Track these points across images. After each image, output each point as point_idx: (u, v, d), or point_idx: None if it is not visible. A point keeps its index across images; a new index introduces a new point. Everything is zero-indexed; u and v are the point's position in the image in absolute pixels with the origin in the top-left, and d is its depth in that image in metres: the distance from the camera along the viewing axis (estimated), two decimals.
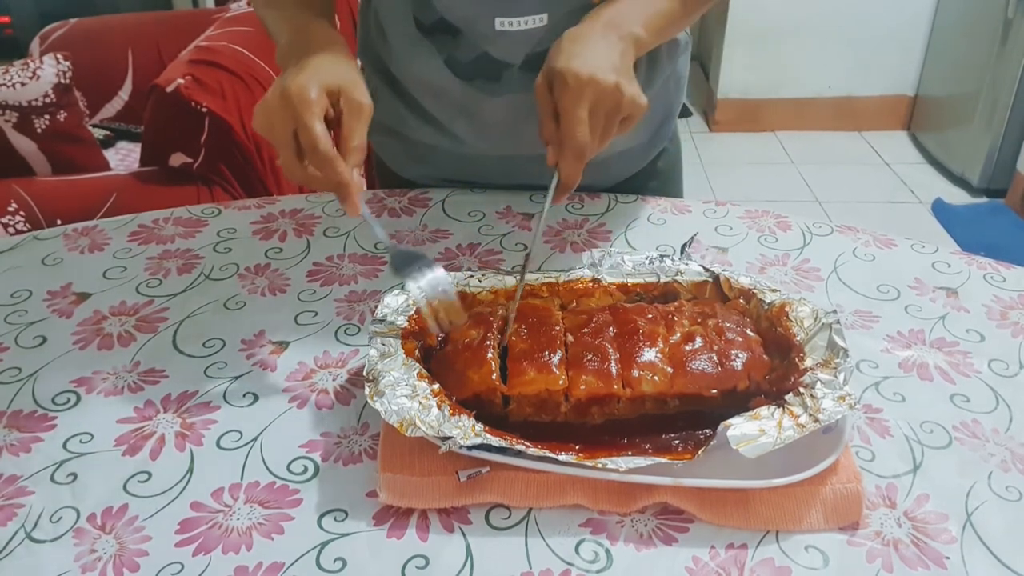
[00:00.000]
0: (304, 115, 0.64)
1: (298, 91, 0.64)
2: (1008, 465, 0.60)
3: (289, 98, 0.64)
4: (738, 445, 0.53)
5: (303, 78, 0.66)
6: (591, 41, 0.70)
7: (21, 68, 1.70)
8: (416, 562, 0.53)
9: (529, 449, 0.56)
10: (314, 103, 0.64)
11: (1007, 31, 2.73)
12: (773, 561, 0.53)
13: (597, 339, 0.63)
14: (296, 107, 0.64)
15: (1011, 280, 0.82)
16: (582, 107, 0.67)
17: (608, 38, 0.71)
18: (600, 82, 0.67)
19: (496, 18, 0.82)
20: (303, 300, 0.80)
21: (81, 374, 0.70)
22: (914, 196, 3.01)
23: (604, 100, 0.67)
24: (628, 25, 0.73)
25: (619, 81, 0.67)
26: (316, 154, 0.64)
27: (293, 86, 0.65)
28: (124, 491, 0.59)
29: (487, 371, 0.60)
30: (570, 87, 0.67)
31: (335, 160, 0.64)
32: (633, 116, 0.70)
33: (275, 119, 0.65)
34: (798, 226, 0.92)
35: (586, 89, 0.66)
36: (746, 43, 3.38)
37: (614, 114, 0.69)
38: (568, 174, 0.69)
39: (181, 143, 1.72)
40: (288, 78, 0.66)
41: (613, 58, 0.69)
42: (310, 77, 0.66)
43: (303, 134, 0.64)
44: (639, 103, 0.69)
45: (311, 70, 0.67)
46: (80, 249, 0.89)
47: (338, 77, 0.67)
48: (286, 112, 0.64)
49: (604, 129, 0.69)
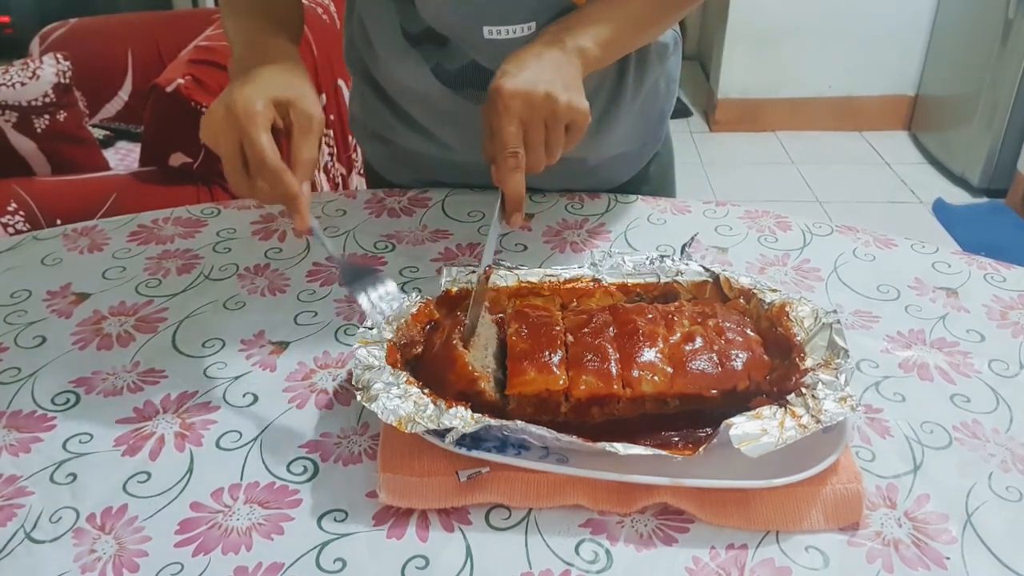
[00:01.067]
0: (249, 127, 0.63)
1: (244, 103, 0.64)
2: (1008, 465, 0.60)
3: (234, 110, 0.64)
4: (740, 444, 0.53)
5: (249, 90, 0.65)
6: (527, 59, 0.71)
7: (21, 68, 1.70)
8: (416, 562, 0.53)
9: (530, 427, 0.56)
10: (259, 115, 0.64)
11: (1007, 31, 2.73)
12: (773, 561, 0.53)
13: (597, 339, 0.63)
14: (241, 119, 0.63)
15: (1011, 280, 0.82)
16: (508, 121, 0.67)
17: (547, 53, 0.71)
18: (528, 94, 0.67)
19: (485, 27, 0.82)
20: (303, 300, 0.80)
21: (80, 374, 0.70)
22: (914, 196, 3.01)
23: (536, 110, 0.67)
24: (573, 39, 0.73)
25: (549, 90, 0.67)
26: (263, 167, 0.63)
27: (239, 98, 0.64)
28: (124, 491, 0.59)
29: (462, 366, 0.60)
30: (496, 104, 0.68)
31: (283, 172, 0.64)
32: (576, 122, 0.70)
33: (220, 131, 0.65)
34: (798, 226, 0.92)
35: (512, 103, 0.67)
36: (746, 43, 3.38)
37: (553, 122, 0.68)
38: (508, 188, 0.69)
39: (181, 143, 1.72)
40: (234, 90, 0.65)
41: (547, 71, 0.70)
42: (256, 89, 0.66)
43: (249, 147, 0.63)
44: (577, 108, 0.69)
45: (258, 82, 0.67)
46: (80, 249, 0.89)
47: (286, 89, 0.67)
48: (231, 124, 0.64)
49: (549, 139, 0.69)
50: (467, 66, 0.86)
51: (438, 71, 0.87)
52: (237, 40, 0.77)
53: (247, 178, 0.65)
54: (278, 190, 0.64)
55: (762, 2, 3.28)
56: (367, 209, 0.96)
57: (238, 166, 0.65)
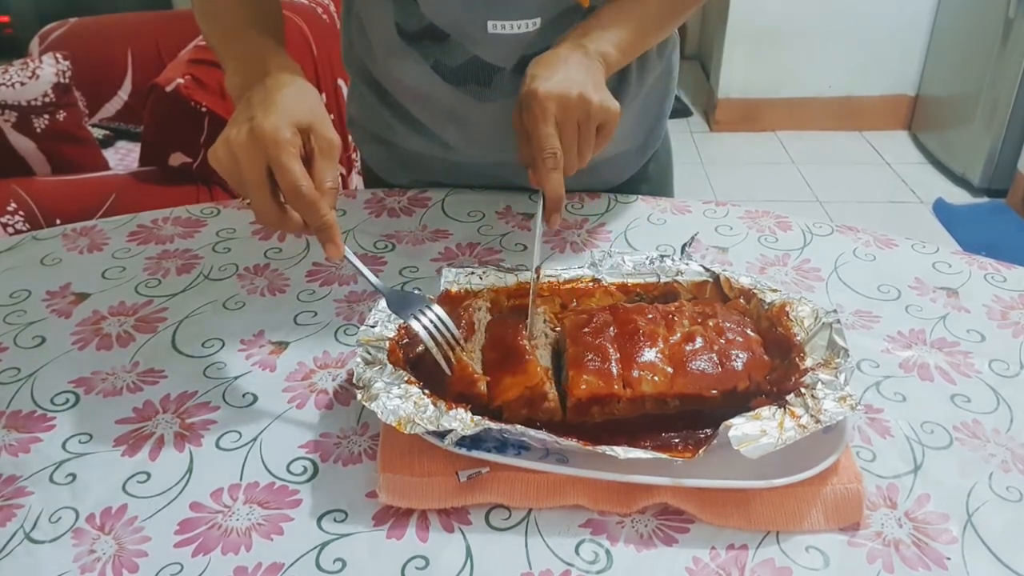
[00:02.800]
0: (282, 156, 0.60)
1: (272, 131, 0.61)
2: (1009, 465, 0.60)
3: (263, 138, 0.61)
4: (740, 445, 0.53)
5: (275, 118, 0.62)
6: (555, 63, 0.72)
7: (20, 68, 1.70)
8: (416, 563, 0.53)
9: (529, 432, 0.56)
10: (289, 143, 0.61)
11: (1008, 31, 2.73)
12: (774, 562, 0.53)
13: (597, 339, 0.63)
14: (270, 148, 0.61)
15: (1012, 280, 0.82)
16: (547, 123, 0.69)
17: (573, 57, 0.73)
18: (564, 96, 0.69)
19: (489, 21, 0.82)
20: (302, 300, 0.80)
21: (80, 374, 0.70)
22: (915, 196, 3.01)
23: (571, 112, 0.69)
24: (594, 44, 0.75)
25: (583, 92, 0.69)
26: (299, 197, 0.61)
27: (267, 125, 0.61)
28: (123, 491, 0.59)
29: (461, 367, 0.61)
30: (534, 107, 0.69)
31: (319, 202, 0.61)
32: (608, 122, 0.71)
33: (245, 159, 0.61)
34: (798, 226, 0.92)
35: (549, 105, 0.69)
36: (746, 43, 3.38)
37: (586, 124, 0.70)
38: (549, 190, 0.70)
39: (180, 143, 1.72)
40: (257, 116, 0.62)
41: (577, 73, 0.72)
42: (281, 115, 0.63)
43: (284, 176, 0.61)
44: (609, 108, 0.71)
45: (281, 108, 0.64)
46: (79, 249, 0.89)
47: (307, 113, 0.64)
48: (257, 152, 0.61)
49: (581, 140, 0.71)
50: (469, 62, 0.86)
51: (438, 67, 0.87)
52: (232, 54, 0.74)
53: (277, 208, 0.63)
54: (313, 220, 0.62)
55: (762, 2, 3.28)
56: (367, 209, 0.96)
57: (267, 195, 0.62)
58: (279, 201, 0.63)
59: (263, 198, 0.62)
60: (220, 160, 0.63)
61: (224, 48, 0.76)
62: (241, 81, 0.70)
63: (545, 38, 0.84)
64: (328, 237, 0.63)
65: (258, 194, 0.62)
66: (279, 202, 0.63)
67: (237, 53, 0.74)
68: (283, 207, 0.63)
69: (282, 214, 0.63)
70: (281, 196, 0.63)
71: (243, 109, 0.65)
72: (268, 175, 0.62)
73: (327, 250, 0.63)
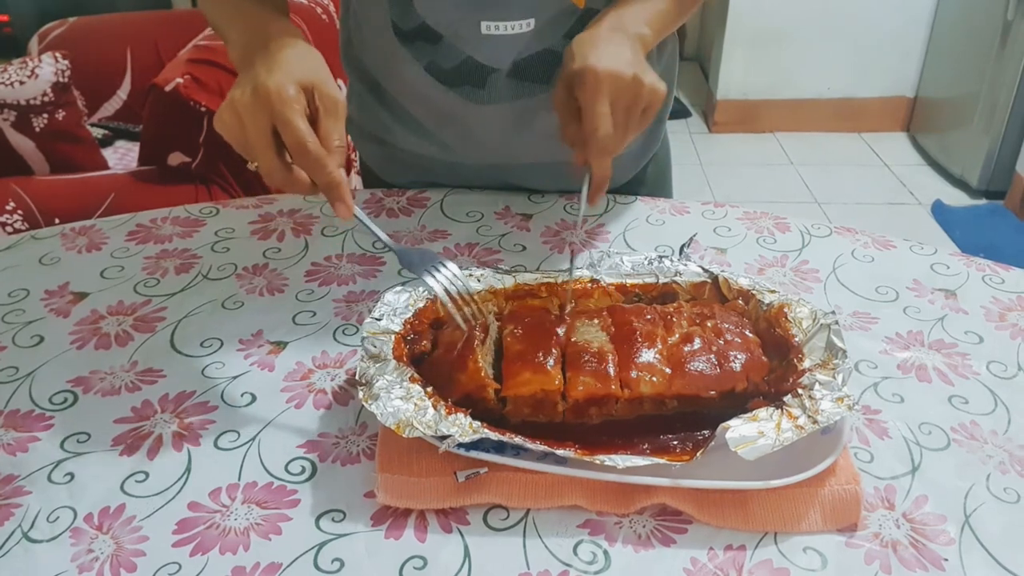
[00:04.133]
0: (287, 113, 0.60)
1: (276, 89, 0.60)
2: (1006, 467, 0.60)
3: (267, 96, 0.60)
4: (737, 447, 0.53)
5: (279, 75, 0.62)
6: (602, 42, 0.71)
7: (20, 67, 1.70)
8: (414, 563, 0.53)
9: (527, 443, 0.56)
10: (294, 100, 0.61)
11: (1007, 33, 2.73)
12: (771, 563, 0.53)
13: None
14: (276, 106, 0.60)
15: (1010, 282, 0.82)
16: (602, 102, 0.67)
17: (616, 37, 0.72)
18: (618, 75, 0.68)
19: (483, 22, 0.81)
20: (301, 300, 0.80)
21: (78, 374, 0.70)
22: (913, 197, 3.02)
23: (624, 93, 0.68)
24: (633, 26, 0.74)
25: (636, 73, 0.68)
26: (306, 154, 0.60)
27: (270, 83, 0.61)
28: (121, 491, 0.59)
29: (474, 370, 0.60)
30: (588, 83, 0.67)
31: (325, 159, 0.61)
32: (653, 105, 0.71)
33: (249, 119, 0.61)
34: (797, 227, 0.92)
35: (604, 84, 0.67)
36: (746, 44, 3.38)
37: (635, 106, 0.69)
38: (598, 170, 0.70)
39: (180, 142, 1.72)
40: (260, 75, 0.62)
41: (626, 54, 0.70)
42: (285, 74, 0.62)
43: (289, 133, 0.60)
44: (658, 90, 0.70)
45: (283, 66, 0.63)
46: (78, 248, 0.89)
47: (310, 72, 0.64)
48: (262, 111, 0.60)
49: (627, 122, 0.70)
50: (463, 63, 0.86)
51: (431, 69, 0.87)
52: (234, 24, 0.74)
53: (284, 167, 0.62)
54: (320, 178, 0.61)
55: (762, 3, 3.28)
56: (366, 209, 0.96)
57: (273, 154, 0.61)
58: (286, 160, 0.62)
59: (269, 157, 0.62)
60: (225, 123, 0.63)
61: (228, 25, 0.75)
62: (243, 49, 0.69)
63: (539, 39, 0.84)
64: (337, 195, 0.62)
65: (264, 153, 0.61)
66: (286, 161, 0.62)
67: (238, 25, 0.73)
68: (290, 166, 0.62)
69: (289, 173, 0.62)
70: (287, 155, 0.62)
71: (245, 71, 0.64)
72: (273, 134, 0.61)
73: (337, 209, 0.62)
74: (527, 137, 0.92)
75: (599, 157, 0.69)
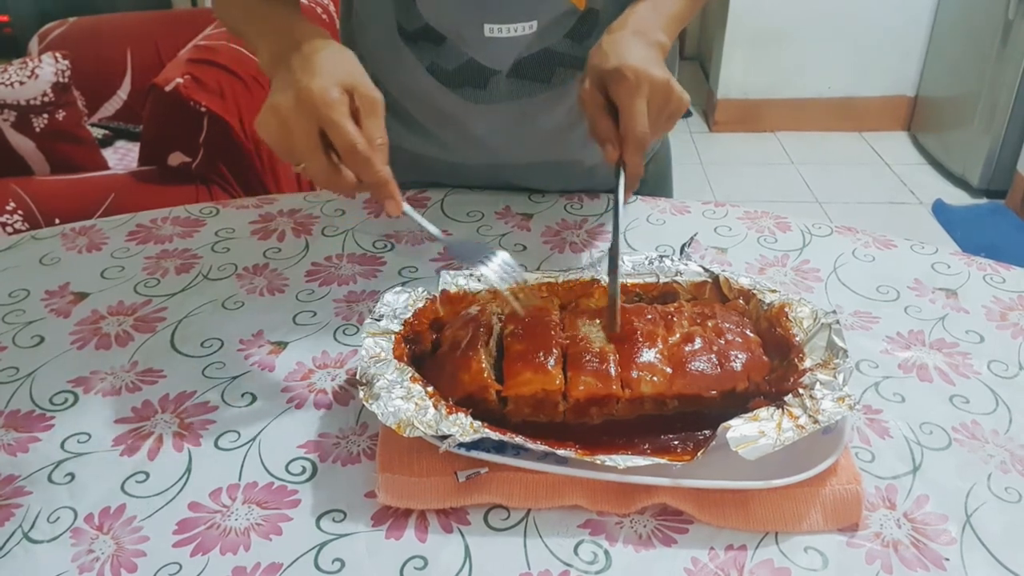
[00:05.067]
0: (334, 115, 0.61)
1: (320, 92, 0.61)
2: (1007, 466, 0.60)
3: (311, 100, 0.61)
4: (738, 447, 0.53)
5: (321, 79, 0.62)
6: (631, 43, 0.72)
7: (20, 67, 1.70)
8: (415, 563, 0.53)
9: (527, 443, 0.56)
10: (339, 102, 0.62)
11: (1007, 32, 2.73)
12: (772, 562, 0.53)
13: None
14: (322, 109, 0.61)
15: (1011, 281, 0.82)
16: (641, 99, 0.68)
17: (640, 42, 0.73)
18: (654, 77, 0.68)
19: (486, 24, 0.81)
20: (301, 300, 0.80)
21: (79, 374, 0.70)
22: (914, 197, 3.01)
23: (657, 94, 0.69)
24: (653, 32, 0.75)
25: (668, 78, 0.69)
26: (355, 154, 0.61)
27: (314, 87, 0.62)
28: (122, 491, 0.59)
29: (477, 371, 0.60)
30: (628, 81, 0.68)
31: (374, 158, 0.62)
32: (679, 111, 0.71)
33: (295, 123, 0.62)
34: (797, 227, 0.92)
35: (643, 83, 0.68)
36: (746, 43, 3.38)
37: (664, 108, 0.70)
38: (634, 166, 0.70)
39: (180, 142, 1.72)
40: (301, 79, 0.63)
41: (656, 58, 0.72)
42: (327, 76, 0.63)
43: (338, 135, 0.61)
44: (685, 99, 0.71)
45: (323, 69, 0.64)
46: (78, 249, 0.89)
47: (348, 74, 0.65)
48: (308, 115, 0.61)
49: (656, 124, 0.70)
50: (465, 65, 0.86)
51: (434, 70, 0.87)
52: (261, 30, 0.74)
53: (334, 169, 0.63)
54: (369, 177, 0.62)
55: (762, 2, 3.28)
56: (366, 209, 0.96)
57: (322, 156, 0.62)
58: (333, 162, 0.63)
59: (318, 159, 0.62)
60: (269, 127, 0.63)
61: (249, 28, 0.76)
62: (273, 53, 0.69)
63: (542, 41, 0.84)
64: (386, 193, 0.63)
65: (312, 156, 0.62)
66: (334, 163, 0.63)
67: (263, 30, 0.73)
68: (338, 167, 0.63)
69: (338, 174, 0.63)
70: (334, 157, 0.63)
71: (283, 76, 0.65)
72: (320, 137, 0.62)
73: (387, 206, 0.64)
74: (527, 136, 0.92)
75: (636, 153, 0.70)
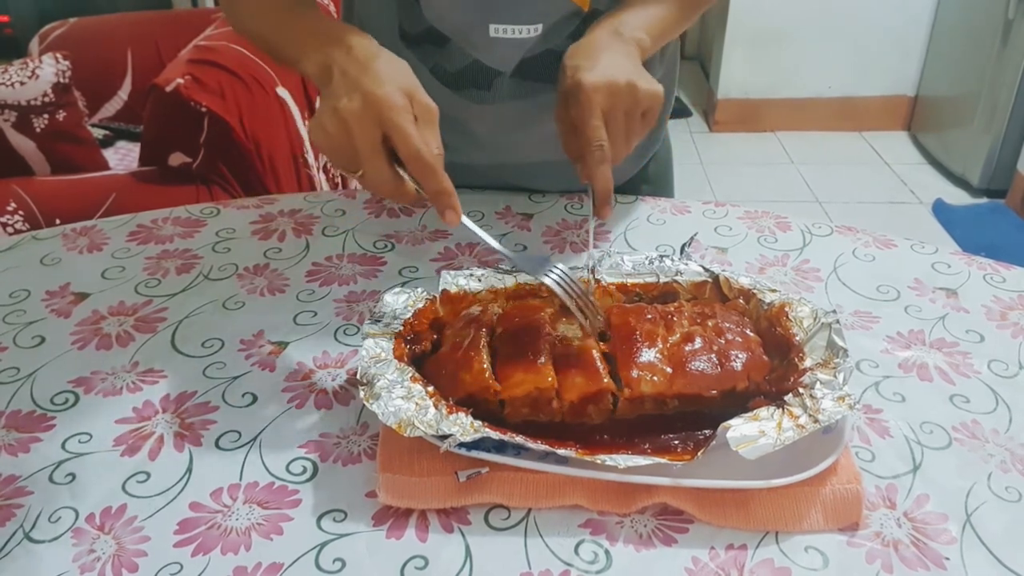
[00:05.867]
0: (402, 122, 0.60)
1: (387, 97, 0.60)
2: (1008, 466, 0.60)
3: (378, 105, 0.60)
4: (738, 447, 0.53)
5: (388, 85, 0.61)
6: (595, 50, 0.72)
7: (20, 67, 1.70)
8: (415, 563, 0.53)
9: (528, 443, 0.56)
10: (405, 108, 0.60)
11: (1007, 32, 2.73)
12: (773, 562, 0.53)
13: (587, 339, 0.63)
14: (389, 114, 0.59)
15: (1011, 281, 0.82)
16: (594, 115, 0.68)
17: (612, 44, 0.73)
18: (612, 84, 0.68)
19: (491, 25, 0.81)
20: (302, 300, 0.80)
21: (80, 374, 0.70)
22: (914, 196, 3.01)
23: (620, 100, 0.69)
24: (630, 31, 0.75)
25: (629, 79, 0.69)
26: (421, 162, 0.60)
27: (380, 92, 0.60)
28: (123, 491, 0.59)
29: (479, 370, 0.60)
30: (581, 100, 0.68)
31: (438, 167, 0.60)
32: (653, 108, 0.71)
33: (359, 128, 0.60)
34: (798, 226, 0.92)
35: (595, 96, 0.68)
36: (746, 43, 3.38)
37: (633, 110, 0.70)
38: (598, 181, 0.70)
39: (180, 143, 1.72)
40: (366, 85, 0.61)
41: (620, 60, 0.71)
42: (391, 82, 0.61)
43: (405, 141, 0.60)
44: (656, 93, 0.70)
45: (388, 76, 0.62)
46: (79, 249, 0.89)
47: (406, 81, 0.63)
48: (373, 120, 0.60)
49: (627, 129, 0.70)
50: (469, 66, 0.86)
51: (437, 71, 0.87)
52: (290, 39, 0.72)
53: (395, 176, 0.62)
54: (432, 186, 0.61)
55: (762, 2, 3.28)
56: (366, 209, 0.96)
57: (384, 163, 0.61)
58: (395, 169, 0.62)
59: (381, 167, 0.61)
60: (328, 130, 0.61)
61: (283, 36, 0.73)
62: (321, 56, 0.67)
63: (546, 42, 0.84)
64: (448, 203, 0.62)
65: (375, 162, 0.61)
66: (395, 170, 0.62)
67: (302, 38, 0.71)
68: (400, 175, 0.62)
69: (399, 183, 0.62)
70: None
71: (343, 81, 0.63)
72: (381, 144, 0.60)
73: (446, 216, 0.62)
74: (529, 136, 0.92)
75: (597, 168, 0.69)
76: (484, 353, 0.62)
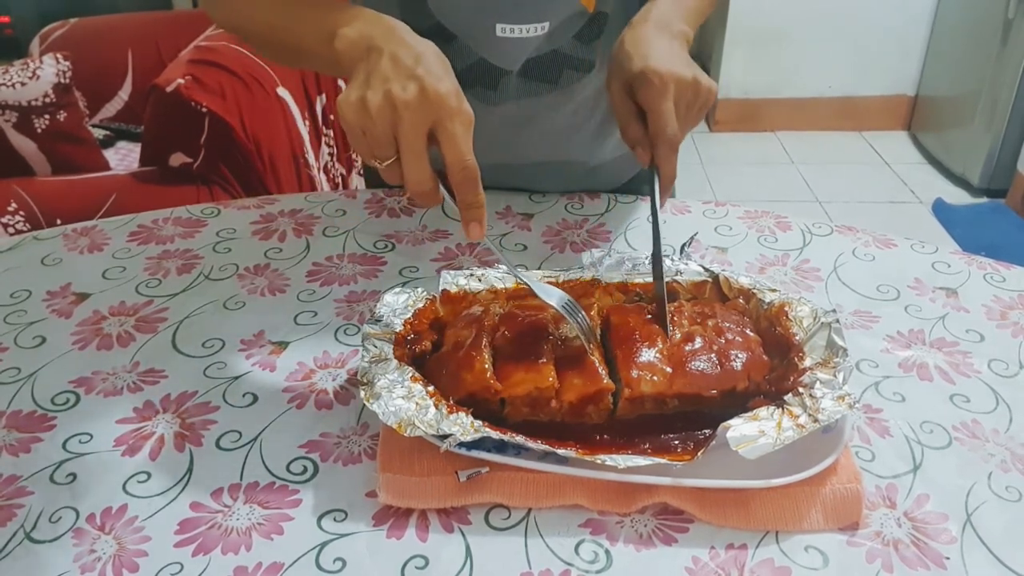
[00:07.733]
0: (458, 126, 0.56)
1: (448, 96, 0.56)
2: (1008, 465, 0.60)
3: (438, 102, 0.56)
4: (738, 446, 0.53)
5: (450, 83, 0.57)
6: (655, 41, 0.72)
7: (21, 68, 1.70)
8: (416, 562, 0.53)
9: (528, 443, 0.56)
10: (460, 111, 0.57)
11: (1007, 31, 2.73)
12: (773, 561, 0.53)
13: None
14: (446, 114, 0.56)
15: (1011, 280, 0.82)
16: (668, 102, 0.69)
17: (663, 37, 0.73)
18: (680, 76, 0.69)
19: (497, 24, 0.81)
20: (302, 300, 0.80)
21: (80, 374, 0.70)
22: (914, 196, 3.01)
23: (685, 92, 0.70)
24: (675, 24, 0.75)
25: (694, 73, 0.70)
26: (465, 171, 0.57)
27: (442, 89, 0.56)
28: (123, 491, 0.59)
29: (480, 370, 0.60)
30: (655, 85, 0.69)
31: (479, 178, 0.57)
32: (708, 103, 0.72)
33: (410, 119, 0.56)
34: (798, 226, 0.92)
35: (669, 84, 0.69)
36: (746, 43, 3.38)
37: (693, 103, 0.71)
38: (667, 167, 0.71)
39: (181, 143, 1.72)
40: (422, 75, 0.56)
41: (678, 53, 0.72)
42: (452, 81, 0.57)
43: (456, 147, 0.56)
44: (713, 90, 0.72)
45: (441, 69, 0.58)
46: (79, 249, 0.89)
47: (454, 81, 0.59)
48: (427, 115, 0.56)
49: (687, 120, 0.71)
50: (475, 65, 0.86)
51: None
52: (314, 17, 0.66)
53: (432, 176, 0.58)
54: (469, 196, 0.58)
55: (762, 2, 3.28)
56: (367, 209, 0.96)
57: (426, 162, 0.57)
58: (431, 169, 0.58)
59: (421, 164, 0.57)
60: (371, 112, 0.56)
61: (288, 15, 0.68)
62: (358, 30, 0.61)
63: (550, 42, 0.84)
64: (478, 216, 0.59)
65: (416, 158, 0.57)
66: (431, 170, 0.58)
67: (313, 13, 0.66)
68: (435, 176, 0.58)
69: (434, 183, 0.58)
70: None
71: (391, 65, 0.57)
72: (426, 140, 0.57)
73: (471, 229, 0.59)
74: (533, 136, 0.92)
75: (668, 155, 0.70)
76: (486, 353, 0.62)
